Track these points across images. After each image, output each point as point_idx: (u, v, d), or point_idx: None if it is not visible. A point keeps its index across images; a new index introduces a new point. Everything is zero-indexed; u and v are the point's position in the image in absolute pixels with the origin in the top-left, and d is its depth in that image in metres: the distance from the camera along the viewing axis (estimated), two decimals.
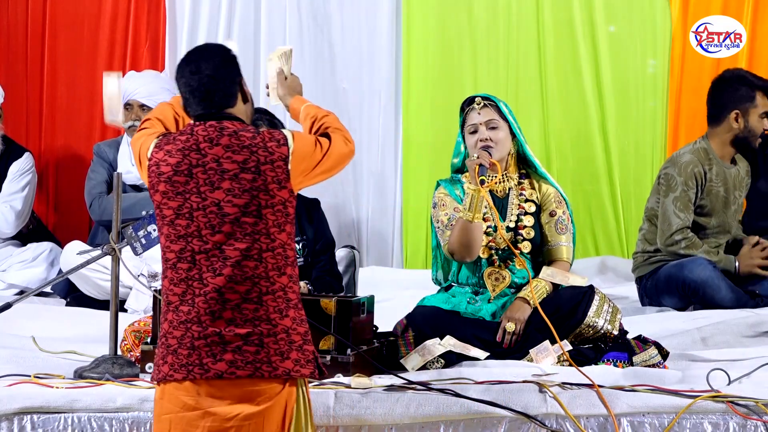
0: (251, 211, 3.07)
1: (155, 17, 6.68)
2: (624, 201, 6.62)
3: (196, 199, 3.08)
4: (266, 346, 3.05)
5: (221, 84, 3.19)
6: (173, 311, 3.09)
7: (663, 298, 5.45)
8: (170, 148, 3.12)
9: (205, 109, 3.19)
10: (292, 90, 3.67)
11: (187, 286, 3.08)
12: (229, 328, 3.05)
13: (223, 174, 3.08)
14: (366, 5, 6.66)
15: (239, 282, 3.06)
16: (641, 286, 5.59)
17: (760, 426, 3.47)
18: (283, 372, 3.05)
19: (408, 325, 4.16)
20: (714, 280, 5.28)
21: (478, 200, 4.10)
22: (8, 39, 6.72)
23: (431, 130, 6.62)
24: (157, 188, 3.12)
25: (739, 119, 5.53)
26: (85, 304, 5.50)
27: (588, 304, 4.11)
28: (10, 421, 3.47)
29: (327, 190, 6.38)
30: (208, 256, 3.06)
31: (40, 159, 6.66)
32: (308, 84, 6.63)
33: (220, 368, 3.03)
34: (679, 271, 5.36)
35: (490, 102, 4.30)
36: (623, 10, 6.62)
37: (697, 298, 5.32)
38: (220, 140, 3.10)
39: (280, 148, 3.11)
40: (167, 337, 3.09)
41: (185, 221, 3.08)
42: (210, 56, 3.23)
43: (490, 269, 4.28)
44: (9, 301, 4.09)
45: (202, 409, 3.04)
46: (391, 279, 6.21)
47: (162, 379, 3.08)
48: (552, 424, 3.48)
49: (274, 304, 3.07)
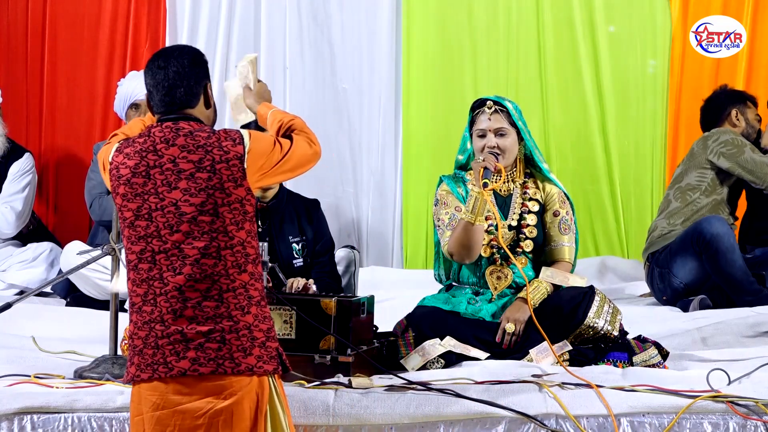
0: (208, 210, 3.09)
1: (155, 17, 6.68)
2: (624, 201, 6.62)
3: (154, 199, 3.10)
4: (228, 342, 3.07)
5: (185, 81, 3.20)
6: (137, 312, 3.13)
7: (675, 262, 5.48)
8: (129, 150, 3.15)
9: (165, 106, 3.20)
10: (260, 97, 3.67)
11: (148, 287, 3.11)
12: (191, 326, 3.07)
13: (180, 174, 3.10)
14: (366, 5, 6.66)
15: (199, 280, 3.08)
16: (652, 261, 5.62)
17: (760, 426, 3.47)
18: (246, 368, 3.07)
19: (408, 326, 4.16)
20: (730, 238, 5.37)
21: (481, 203, 4.09)
22: (8, 39, 6.72)
23: (431, 130, 6.62)
24: (117, 191, 3.15)
25: (739, 117, 5.66)
26: (85, 304, 5.50)
27: (588, 304, 4.11)
28: (10, 421, 3.47)
29: (327, 190, 6.38)
30: (167, 255, 3.09)
31: (40, 159, 6.66)
32: (308, 84, 6.69)
33: (184, 366, 3.06)
34: (697, 225, 5.46)
35: (501, 107, 4.29)
36: (623, 10, 6.62)
37: (709, 254, 5.33)
38: (176, 141, 3.12)
39: (236, 147, 3.13)
40: (133, 338, 3.14)
41: (145, 222, 3.11)
42: (180, 55, 3.24)
43: (492, 267, 4.29)
44: (9, 301, 4.09)
45: (170, 408, 3.07)
46: (391, 279, 6.21)
47: (130, 380, 3.13)
48: (552, 424, 3.48)
49: (235, 301, 3.09)
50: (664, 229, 5.65)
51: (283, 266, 4.44)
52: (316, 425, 3.45)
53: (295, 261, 4.51)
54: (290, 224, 4.60)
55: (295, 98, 6.65)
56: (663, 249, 5.60)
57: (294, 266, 4.49)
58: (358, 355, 3.83)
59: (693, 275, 5.44)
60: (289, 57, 6.66)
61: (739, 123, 5.71)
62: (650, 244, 5.68)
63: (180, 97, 3.20)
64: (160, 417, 3.08)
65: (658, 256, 5.60)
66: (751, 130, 5.74)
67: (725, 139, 5.60)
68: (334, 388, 3.57)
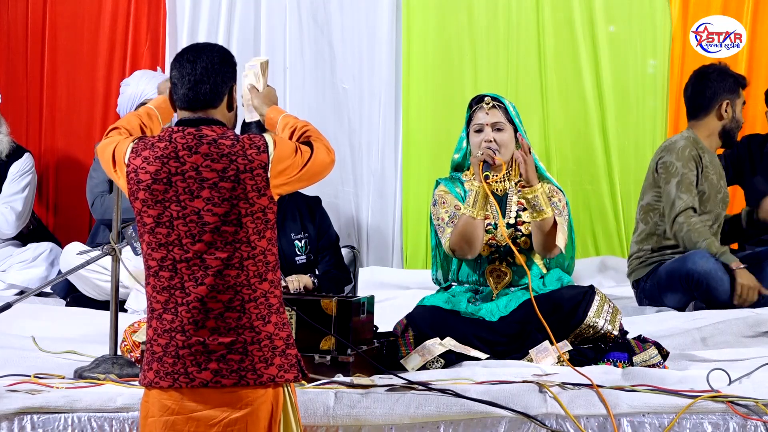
0: (231, 220, 3.05)
1: (155, 17, 6.68)
2: (624, 201, 6.62)
3: (176, 207, 3.06)
4: (250, 353, 3.04)
5: (212, 78, 3.14)
6: (157, 318, 3.09)
7: (665, 297, 5.41)
8: (148, 154, 3.09)
9: (188, 102, 3.14)
10: (269, 100, 3.61)
11: (169, 295, 3.07)
12: (213, 337, 3.04)
13: (203, 183, 3.05)
14: (366, 5, 6.66)
15: (221, 291, 3.04)
16: (639, 290, 5.56)
17: (760, 426, 3.47)
18: (267, 378, 3.05)
19: (408, 325, 4.16)
20: (717, 272, 5.23)
21: (482, 196, 4.09)
22: (8, 39, 6.72)
23: (431, 130, 6.62)
24: (136, 196, 3.09)
25: (728, 109, 5.53)
26: (85, 304, 5.50)
27: (588, 304, 4.11)
28: (10, 421, 3.47)
29: (327, 190, 6.38)
30: (189, 265, 3.05)
31: (40, 159, 6.65)
32: (308, 84, 6.69)
33: (205, 377, 3.03)
34: (681, 264, 5.30)
35: (498, 103, 4.30)
36: (623, 10, 6.62)
37: (700, 291, 5.26)
38: (199, 148, 3.06)
39: (260, 155, 3.07)
40: (152, 344, 3.09)
41: (165, 230, 3.06)
42: (211, 51, 3.19)
43: (491, 267, 4.29)
44: (9, 301, 4.09)
45: (185, 414, 3.05)
46: (391, 279, 6.21)
47: (148, 384, 3.10)
48: (552, 424, 3.48)
49: (256, 311, 3.06)
50: (639, 254, 5.58)
51: (285, 263, 4.44)
52: (316, 425, 3.45)
53: (298, 258, 4.52)
54: (292, 222, 4.61)
55: (295, 98, 6.65)
56: (647, 277, 5.50)
57: (296, 263, 4.50)
58: (358, 355, 3.83)
59: (685, 303, 5.41)
60: (289, 57, 6.66)
61: (726, 116, 5.56)
62: (632, 270, 5.60)
63: (204, 94, 3.13)
64: (174, 422, 3.05)
65: (644, 285, 5.51)
66: (735, 124, 5.58)
67: (664, 160, 5.43)
68: (334, 389, 3.57)
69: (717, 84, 5.56)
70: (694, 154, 5.44)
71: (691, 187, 5.39)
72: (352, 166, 6.67)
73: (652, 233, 5.54)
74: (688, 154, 5.42)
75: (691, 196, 5.38)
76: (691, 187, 5.39)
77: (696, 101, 5.60)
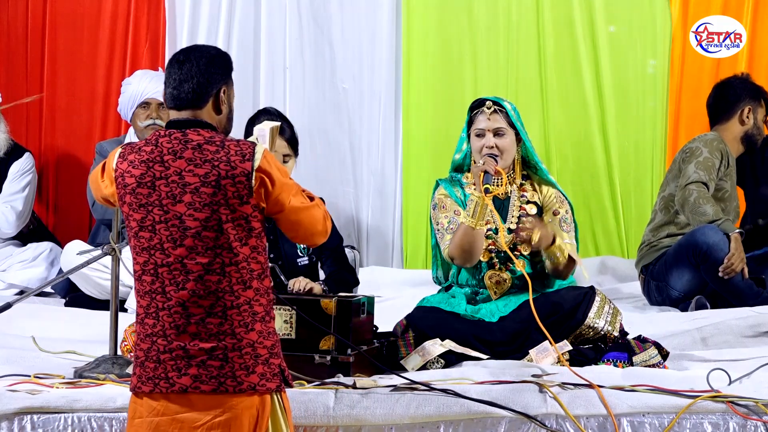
0: (212, 226, 3.04)
1: (155, 17, 6.68)
2: (624, 201, 6.62)
3: (158, 211, 3.06)
4: (231, 360, 3.04)
5: (196, 79, 3.14)
6: (140, 323, 3.10)
7: (671, 275, 5.42)
8: (134, 158, 3.09)
9: (173, 100, 3.14)
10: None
11: (151, 299, 3.07)
12: (194, 342, 3.04)
13: (185, 187, 3.04)
14: (366, 5, 6.66)
15: (203, 296, 3.04)
16: (647, 274, 5.58)
17: (760, 426, 3.47)
18: (248, 386, 3.04)
19: (408, 326, 4.16)
20: (726, 246, 5.25)
21: (482, 207, 4.09)
22: (8, 39, 6.72)
23: (431, 130, 6.62)
24: (123, 199, 3.10)
25: (750, 114, 5.59)
26: (85, 304, 5.50)
27: (588, 305, 4.11)
28: (10, 421, 3.47)
29: (327, 190, 6.38)
30: (170, 269, 3.05)
31: (40, 159, 6.65)
32: (308, 84, 6.69)
33: (185, 382, 3.03)
34: (690, 236, 5.34)
35: (499, 107, 4.29)
36: (623, 10, 6.62)
37: (707, 264, 5.27)
38: (184, 153, 3.06)
39: (244, 163, 3.05)
40: (136, 348, 3.12)
41: (148, 234, 3.07)
42: (201, 52, 3.19)
43: (491, 272, 4.28)
44: (9, 301, 4.09)
45: (170, 416, 3.06)
46: (391, 279, 6.21)
47: (132, 389, 3.12)
48: (552, 424, 3.48)
49: (239, 318, 3.06)
50: (652, 242, 5.61)
51: (287, 265, 4.44)
52: (316, 426, 3.45)
53: (300, 260, 4.51)
54: None
55: (295, 98, 6.64)
56: (656, 261, 5.54)
57: (298, 265, 4.49)
58: (358, 355, 3.83)
59: (690, 285, 5.41)
60: (289, 57, 6.66)
61: (747, 121, 5.62)
62: (641, 257, 5.64)
63: (187, 93, 3.13)
64: (159, 423, 3.06)
65: (652, 268, 5.55)
66: (756, 131, 5.64)
67: (691, 146, 5.49)
68: (334, 389, 3.57)
69: (740, 90, 5.67)
70: (722, 147, 5.54)
71: (711, 169, 5.43)
72: (352, 166, 6.66)
73: (670, 222, 5.58)
74: (716, 145, 5.52)
75: (708, 175, 5.41)
76: (711, 169, 5.43)
77: (718, 106, 5.67)
